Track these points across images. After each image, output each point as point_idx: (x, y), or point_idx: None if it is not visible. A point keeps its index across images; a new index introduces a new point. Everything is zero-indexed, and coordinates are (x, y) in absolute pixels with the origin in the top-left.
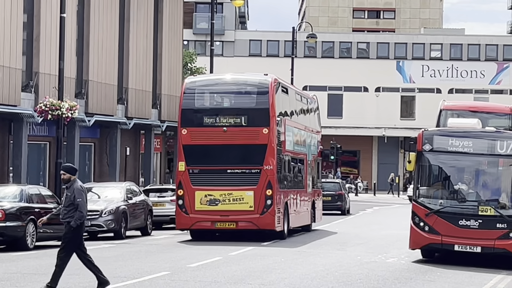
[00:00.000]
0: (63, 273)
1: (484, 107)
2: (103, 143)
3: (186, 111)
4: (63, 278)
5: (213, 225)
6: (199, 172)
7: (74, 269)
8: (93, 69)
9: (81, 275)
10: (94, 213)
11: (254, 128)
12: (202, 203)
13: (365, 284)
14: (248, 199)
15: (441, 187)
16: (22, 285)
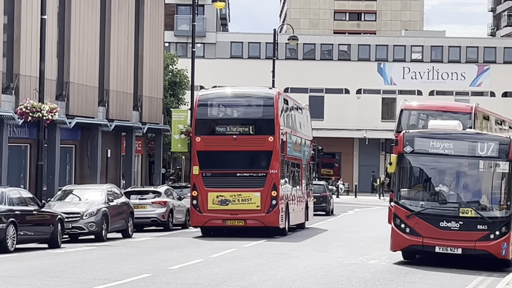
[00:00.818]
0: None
1: (444, 107)
2: (84, 145)
3: (200, 121)
4: (44, 280)
5: (224, 223)
6: (212, 175)
7: (56, 271)
8: (74, 71)
9: (61, 277)
10: (75, 215)
11: (261, 136)
12: (214, 203)
13: (346, 286)
14: (256, 199)
15: (422, 189)
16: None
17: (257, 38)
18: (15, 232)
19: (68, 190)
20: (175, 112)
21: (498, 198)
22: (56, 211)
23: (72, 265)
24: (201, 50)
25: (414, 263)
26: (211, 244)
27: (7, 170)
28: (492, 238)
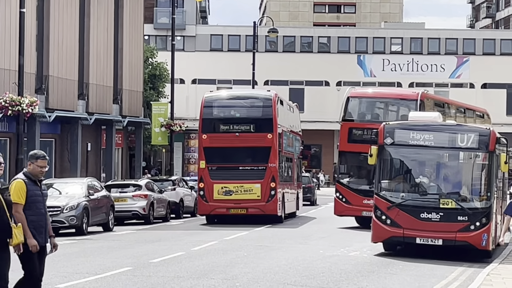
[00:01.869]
0: None
1: (390, 94)
2: (64, 139)
3: (206, 120)
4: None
5: (228, 211)
6: (217, 169)
7: None
8: (54, 65)
9: None
10: (55, 209)
11: (261, 134)
12: (219, 194)
13: (327, 277)
14: (256, 190)
15: (402, 180)
16: None
17: (237, 30)
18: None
19: (48, 184)
20: (155, 105)
21: (478, 189)
22: None
23: (53, 259)
24: (181, 43)
25: (395, 254)
26: (193, 237)
27: None
28: (473, 229)
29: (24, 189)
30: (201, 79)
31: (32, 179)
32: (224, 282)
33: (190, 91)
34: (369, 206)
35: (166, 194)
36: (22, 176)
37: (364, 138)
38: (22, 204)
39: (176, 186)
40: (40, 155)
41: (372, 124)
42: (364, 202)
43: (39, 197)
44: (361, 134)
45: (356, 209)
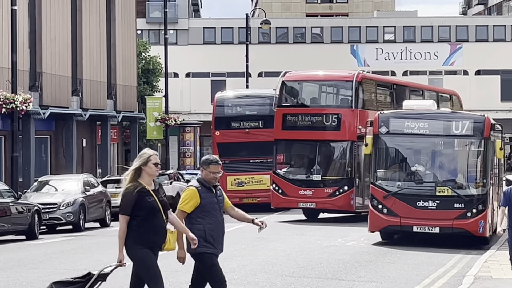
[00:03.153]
0: None
1: (325, 76)
2: (59, 136)
3: (218, 118)
4: (23, 272)
5: (241, 201)
6: (229, 162)
7: (35, 262)
8: (47, 61)
9: (40, 268)
10: (52, 206)
11: (269, 129)
12: (232, 185)
13: (325, 268)
14: (266, 181)
15: (398, 169)
16: None
17: (230, 23)
18: None
19: (44, 181)
20: (150, 100)
21: (474, 176)
22: (33, 202)
23: (51, 256)
24: (173, 36)
25: (393, 243)
26: None
27: None
28: (469, 216)
29: (192, 197)
30: (195, 72)
31: (207, 186)
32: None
33: (184, 84)
34: (305, 196)
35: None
36: (196, 183)
37: (300, 124)
38: (186, 212)
39: (172, 180)
40: (212, 160)
41: (309, 109)
42: (300, 192)
43: (215, 204)
44: (296, 120)
45: (293, 201)
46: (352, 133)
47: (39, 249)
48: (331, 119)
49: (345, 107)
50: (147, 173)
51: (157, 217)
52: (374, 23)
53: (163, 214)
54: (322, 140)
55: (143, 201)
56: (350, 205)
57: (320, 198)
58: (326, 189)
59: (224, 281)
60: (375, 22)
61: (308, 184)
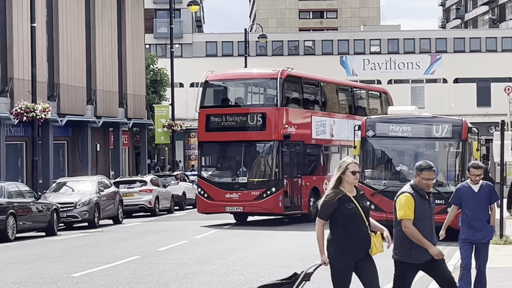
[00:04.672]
0: None
1: (249, 75)
2: (75, 141)
3: None
4: (43, 265)
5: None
6: None
7: (54, 256)
8: (63, 73)
9: (59, 262)
10: (69, 205)
11: None
12: None
13: (318, 259)
14: None
15: (384, 169)
16: (5, 273)
17: (230, 37)
18: (14, 223)
19: (62, 182)
20: (158, 108)
21: (453, 175)
22: (52, 202)
23: (68, 251)
24: (179, 50)
25: None
26: (195, 227)
27: (5, 166)
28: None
29: (412, 203)
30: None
31: (420, 193)
32: (224, 266)
33: (189, 94)
34: (232, 200)
35: (170, 188)
36: (409, 190)
37: (224, 125)
38: (410, 219)
39: (178, 180)
40: (425, 166)
41: (233, 109)
42: (227, 196)
43: (427, 212)
44: (220, 121)
45: (219, 205)
46: (278, 133)
47: (57, 245)
48: (256, 118)
49: (270, 106)
50: (346, 181)
51: (359, 223)
52: (361, 36)
53: (365, 220)
54: (247, 141)
55: (344, 208)
56: (279, 207)
57: (247, 201)
58: (253, 191)
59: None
60: (362, 36)
61: (234, 187)
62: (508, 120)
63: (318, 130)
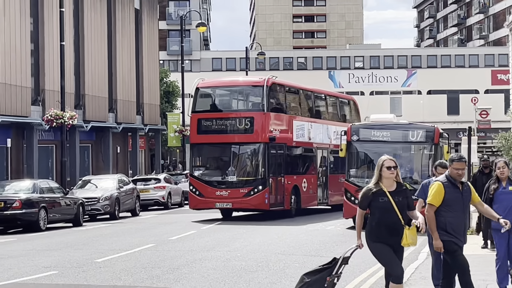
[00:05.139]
0: None
1: (237, 82)
2: (98, 144)
3: None
4: (70, 252)
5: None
6: None
7: (79, 244)
8: (88, 85)
9: (84, 249)
10: (93, 199)
11: None
12: None
13: (309, 247)
14: None
15: (366, 169)
16: (37, 259)
17: (233, 54)
18: (45, 215)
19: (87, 180)
20: (170, 115)
21: (426, 174)
22: (78, 197)
23: (92, 239)
24: (188, 65)
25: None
26: (202, 219)
27: (38, 166)
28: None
29: (440, 191)
30: None
31: (452, 182)
32: (228, 253)
33: None
34: (222, 197)
35: (181, 185)
36: (443, 179)
37: (214, 129)
38: (434, 205)
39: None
40: (455, 158)
41: (223, 114)
42: (217, 193)
43: (459, 199)
44: (210, 124)
45: (210, 201)
46: (264, 135)
47: (83, 234)
48: (244, 122)
49: (257, 111)
50: (384, 176)
51: (390, 215)
52: (347, 53)
53: (398, 213)
54: (236, 143)
55: (377, 201)
56: (265, 203)
57: (236, 198)
58: (242, 189)
59: (467, 267)
60: (348, 53)
61: (224, 185)
62: (474, 126)
63: (298, 134)
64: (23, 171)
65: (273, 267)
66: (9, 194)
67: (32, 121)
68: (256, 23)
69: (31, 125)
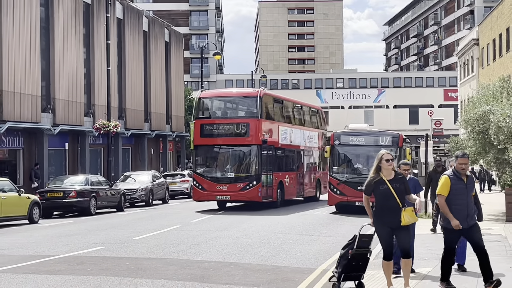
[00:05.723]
0: None
1: (236, 93)
2: (136, 147)
3: None
4: (114, 232)
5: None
6: None
7: (122, 226)
8: (129, 101)
9: (125, 229)
10: (132, 190)
11: None
12: None
13: (301, 228)
14: None
15: (346, 166)
16: (89, 236)
17: (241, 77)
18: (95, 202)
19: (127, 175)
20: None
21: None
22: (120, 188)
23: (131, 221)
24: (207, 86)
25: (343, 212)
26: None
27: (89, 164)
28: None
29: (448, 184)
30: None
31: (457, 175)
32: (237, 232)
33: None
34: (221, 191)
35: None
36: (449, 173)
37: (215, 133)
38: (443, 195)
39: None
40: (459, 154)
41: (223, 120)
42: (217, 187)
43: (462, 190)
44: (212, 129)
45: (211, 194)
46: (258, 138)
47: (124, 217)
48: (241, 127)
49: (251, 117)
50: (383, 167)
51: (390, 200)
52: (330, 76)
53: (396, 197)
54: (234, 145)
55: (378, 188)
56: (258, 196)
57: (234, 192)
58: (238, 184)
59: (481, 247)
60: (331, 76)
61: (223, 180)
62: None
63: (283, 137)
64: (78, 168)
65: (273, 243)
66: (67, 186)
67: (85, 129)
68: (259, 52)
69: (84, 132)
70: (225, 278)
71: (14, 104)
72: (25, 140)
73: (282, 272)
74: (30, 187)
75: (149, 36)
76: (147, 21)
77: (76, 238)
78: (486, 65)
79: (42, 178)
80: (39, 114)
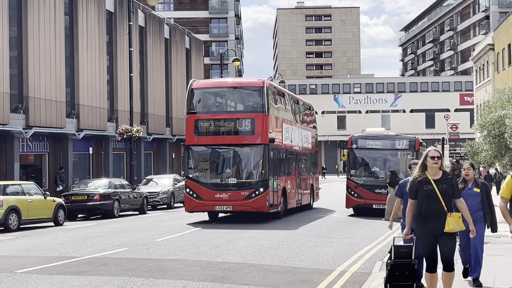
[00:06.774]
0: None
1: (235, 83)
2: (158, 151)
3: None
4: (136, 234)
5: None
6: None
7: (144, 228)
8: (151, 106)
9: (147, 231)
10: (154, 193)
11: None
12: None
13: (320, 230)
14: None
15: (363, 170)
16: (112, 238)
17: None
18: (118, 205)
19: (149, 178)
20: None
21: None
22: (143, 191)
23: (153, 224)
24: None
25: (360, 215)
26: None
27: (112, 168)
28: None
29: (509, 185)
30: None
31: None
32: (257, 234)
33: None
34: (222, 200)
35: None
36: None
37: (213, 130)
38: (505, 197)
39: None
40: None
41: (222, 115)
42: (216, 196)
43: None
44: (209, 126)
45: (209, 204)
46: (265, 137)
47: (147, 220)
48: (245, 123)
49: (258, 112)
50: (428, 166)
51: (434, 202)
52: (348, 81)
53: (442, 200)
54: (236, 144)
55: (422, 188)
56: (266, 206)
57: (237, 201)
58: (242, 191)
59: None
60: (349, 81)
61: (224, 187)
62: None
63: (286, 136)
64: (101, 172)
65: (291, 245)
66: (91, 190)
67: (108, 134)
68: (278, 58)
69: (108, 137)
70: (245, 279)
71: (40, 110)
72: (50, 145)
73: (301, 273)
74: (55, 190)
75: (170, 43)
76: (168, 29)
77: (100, 240)
78: (501, 69)
79: (66, 181)
80: (63, 120)
